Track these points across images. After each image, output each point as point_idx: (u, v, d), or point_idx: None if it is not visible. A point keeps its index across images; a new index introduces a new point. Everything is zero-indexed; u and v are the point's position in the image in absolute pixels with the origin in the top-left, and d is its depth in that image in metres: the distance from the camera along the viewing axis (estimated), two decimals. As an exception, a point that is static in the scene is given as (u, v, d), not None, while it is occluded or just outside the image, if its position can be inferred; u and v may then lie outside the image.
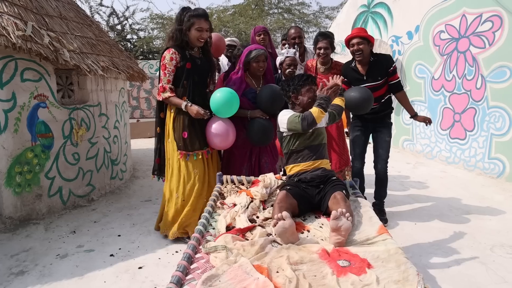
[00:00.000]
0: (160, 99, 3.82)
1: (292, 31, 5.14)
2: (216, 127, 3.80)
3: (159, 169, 4.18)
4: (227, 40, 5.36)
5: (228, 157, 4.24)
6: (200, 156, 3.91)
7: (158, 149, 4.13)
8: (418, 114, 4.41)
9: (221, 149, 4.09)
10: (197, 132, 3.87)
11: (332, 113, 3.28)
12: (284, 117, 3.05)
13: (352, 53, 4.17)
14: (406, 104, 4.35)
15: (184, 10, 3.77)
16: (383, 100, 4.32)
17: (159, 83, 3.82)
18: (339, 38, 10.85)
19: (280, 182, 3.26)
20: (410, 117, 4.40)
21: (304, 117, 2.93)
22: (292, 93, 3.18)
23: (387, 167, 4.42)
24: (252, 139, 3.95)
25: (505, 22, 5.96)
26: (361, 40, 4.07)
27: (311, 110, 2.96)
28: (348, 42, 4.20)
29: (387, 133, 4.37)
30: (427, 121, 4.31)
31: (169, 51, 3.73)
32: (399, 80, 4.28)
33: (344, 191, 2.77)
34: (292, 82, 3.20)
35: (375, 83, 4.20)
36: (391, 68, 4.18)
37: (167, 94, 3.75)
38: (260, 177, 3.39)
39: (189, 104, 3.68)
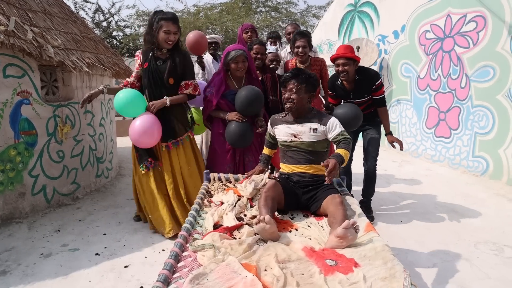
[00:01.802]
0: None
1: (289, 27, 5.49)
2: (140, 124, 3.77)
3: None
4: (208, 38, 5.36)
5: (212, 156, 4.26)
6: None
7: None
8: (392, 134, 4.38)
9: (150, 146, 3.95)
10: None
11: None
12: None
13: (337, 72, 4.13)
14: (385, 120, 4.34)
15: (156, 13, 3.86)
16: (370, 109, 4.37)
17: None
18: (327, 37, 10.93)
19: (268, 180, 3.27)
20: (384, 134, 4.40)
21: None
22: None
23: (376, 164, 4.43)
24: (230, 141, 3.96)
25: (489, 23, 6.03)
26: (346, 61, 4.02)
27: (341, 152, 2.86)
28: (333, 61, 4.15)
29: (376, 131, 4.39)
30: (399, 142, 4.22)
31: (138, 52, 4.03)
32: (383, 96, 4.27)
33: (340, 194, 2.79)
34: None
35: (361, 99, 4.24)
36: (374, 86, 4.16)
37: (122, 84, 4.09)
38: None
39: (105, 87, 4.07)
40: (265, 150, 3.52)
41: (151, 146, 3.92)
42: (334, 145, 3.12)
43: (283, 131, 3.12)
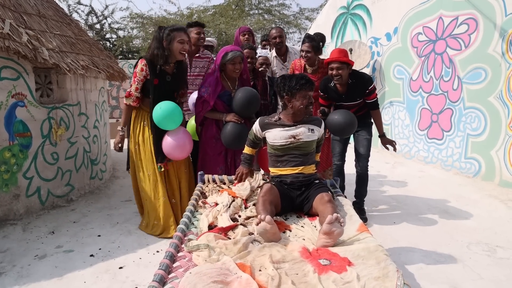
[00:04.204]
0: (124, 103, 3.98)
1: (273, 31, 5.22)
2: (172, 139, 3.85)
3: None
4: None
5: (202, 158, 4.25)
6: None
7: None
8: (386, 136, 4.43)
9: (182, 159, 4.08)
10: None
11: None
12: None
13: (331, 76, 4.14)
14: (378, 122, 4.39)
15: (161, 28, 3.88)
16: (362, 112, 4.41)
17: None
18: (319, 39, 10.94)
19: (261, 182, 3.29)
20: (378, 136, 4.44)
21: None
22: (286, 94, 3.05)
23: (368, 165, 4.45)
24: (226, 143, 3.96)
25: (480, 25, 6.09)
26: (340, 65, 4.04)
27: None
28: (327, 64, 4.18)
29: (367, 132, 4.42)
30: (393, 144, 4.32)
31: (141, 61, 3.86)
32: (376, 100, 4.32)
33: (329, 193, 2.81)
34: (288, 83, 3.04)
35: (354, 102, 4.29)
36: (367, 91, 4.21)
37: (130, 101, 3.93)
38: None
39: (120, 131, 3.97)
40: (248, 150, 3.46)
41: (181, 159, 4.07)
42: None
43: (278, 135, 3.08)
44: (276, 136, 3.09)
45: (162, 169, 4.00)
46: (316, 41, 4.61)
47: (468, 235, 4.10)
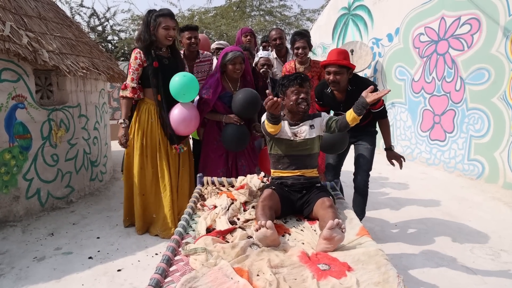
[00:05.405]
0: (120, 95, 3.93)
1: (273, 32, 5.20)
2: (179, 113, 3.86)
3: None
4: (215, 44, 5.39)
5: (204, 160, 4.23)
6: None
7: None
8: (393, 149, 3.86)
9: (186, 134, 4.07)
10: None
11: (334, 127, 3.00)
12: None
13: (328, 81, 3.59)
14: (386, 134, 3.85)
15: (150, 12, 3.88)
16: (365, 122, 3.90)
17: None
18: (321, 40, 10.94)
19: (261, 184, 3.26)
20: (384, 149, 3.95)
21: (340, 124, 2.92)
22: (280, 93, 3.01)
23: (368, 180, 3.88)
24: (226, 145, 3.94)
25: (483, 25, 6.05)
26: (339, 70, 3.46)
27: (347, 115, 2.84)
28: (324, 67, 3.62)
29: (369, 141, 3.88)
30: (399, 160, 3.74)
31: (134, 51, 3.88)
32: (383, 108, 3.71)
33: (331, 197, 2.77)
34: (281, 82, 3.00)
35: None
36: None
37: (125, 93, 3.87)
38: (240, 178, 3.37)
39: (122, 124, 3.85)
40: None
41: (186, 135, 4.07)
42: (332, 127, 2.99)
43: (284, 130, 2.98)
44: (282, 129, 2.99)
45: (184, 149, 4.09)
46: (308, 37, 4.54)
47: (472, 238, 4.06)
